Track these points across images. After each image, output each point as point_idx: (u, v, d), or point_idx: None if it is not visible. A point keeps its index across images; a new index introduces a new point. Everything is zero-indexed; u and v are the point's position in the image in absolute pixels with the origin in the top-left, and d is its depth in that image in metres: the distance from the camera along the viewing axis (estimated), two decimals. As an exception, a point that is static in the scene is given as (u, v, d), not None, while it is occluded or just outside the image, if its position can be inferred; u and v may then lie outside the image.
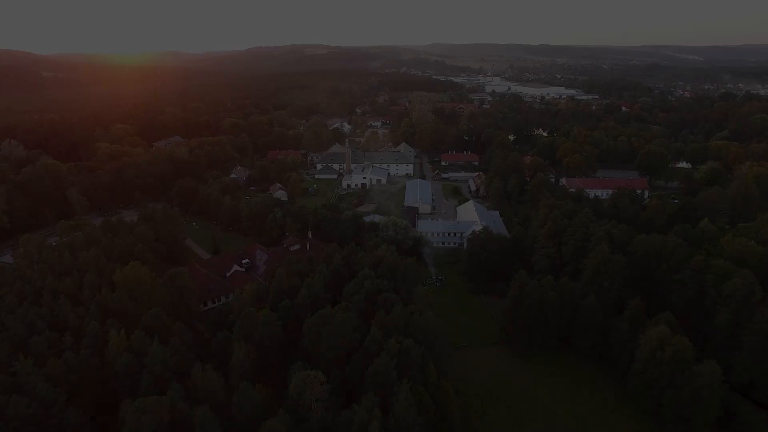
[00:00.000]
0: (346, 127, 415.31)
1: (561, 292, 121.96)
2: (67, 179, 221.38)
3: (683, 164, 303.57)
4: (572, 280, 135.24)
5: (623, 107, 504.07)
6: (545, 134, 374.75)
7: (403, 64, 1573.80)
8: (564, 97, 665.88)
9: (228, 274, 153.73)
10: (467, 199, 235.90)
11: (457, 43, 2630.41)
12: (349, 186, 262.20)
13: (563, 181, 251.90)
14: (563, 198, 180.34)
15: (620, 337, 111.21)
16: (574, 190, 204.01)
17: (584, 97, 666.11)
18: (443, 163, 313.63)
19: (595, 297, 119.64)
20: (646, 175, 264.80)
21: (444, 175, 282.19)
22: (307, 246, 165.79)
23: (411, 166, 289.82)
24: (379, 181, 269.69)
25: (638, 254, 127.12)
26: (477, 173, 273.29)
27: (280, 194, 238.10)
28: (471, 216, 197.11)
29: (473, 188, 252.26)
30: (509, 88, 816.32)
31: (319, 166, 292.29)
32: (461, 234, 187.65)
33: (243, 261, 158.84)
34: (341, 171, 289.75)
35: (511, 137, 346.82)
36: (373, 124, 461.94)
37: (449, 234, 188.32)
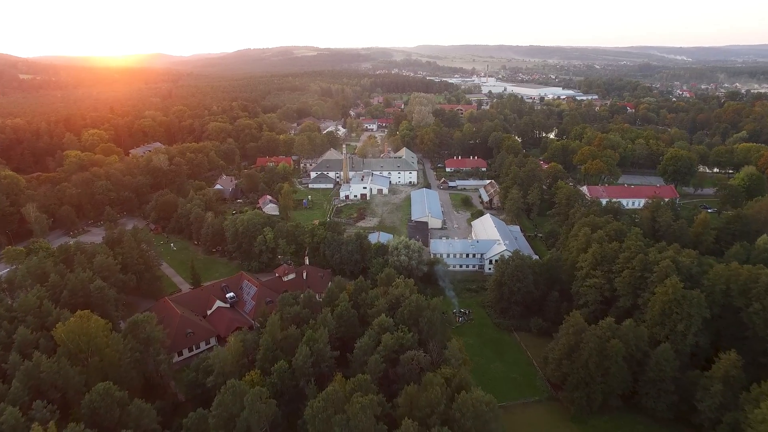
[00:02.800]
0: (341, 131, 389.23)
1: (625, 339, 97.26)
2: (26, 193, 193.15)
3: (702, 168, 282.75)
4: (626, 318, 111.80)
5: (628, 108, 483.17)
6: (553, 137, 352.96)
7: (394, 65, 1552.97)
8: (563, 97, 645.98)
9: (209, 312, 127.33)
10: (480, 211, 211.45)
11: (446, 44, 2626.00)
12: (347, 197, 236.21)
13: (585, 189, 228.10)
14: (603, 213, 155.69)
15: (711, 401, 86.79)
16: (605, 202, 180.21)
17: (584, 98, 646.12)
18: (448, 169, 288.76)
19: (669, 345, 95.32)
20: (672, 182, 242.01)
21: (451, 183, 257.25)
22: (304, 274, 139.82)
23: (414, 173, 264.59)
24: (380, 190, 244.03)
25: (717, 289, 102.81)
26: (489, 181, 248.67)
27: (271, 208, 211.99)
28: (490, 233, 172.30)
29: (485, 198, 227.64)
30: (505, 89, 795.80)
31: (313, 174, 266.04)
32: (481, 255, 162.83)
33: (227, 295, 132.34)
34: (338, 180, 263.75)
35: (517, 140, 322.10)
36: (369, 127, 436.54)
37: (468, 255, 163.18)
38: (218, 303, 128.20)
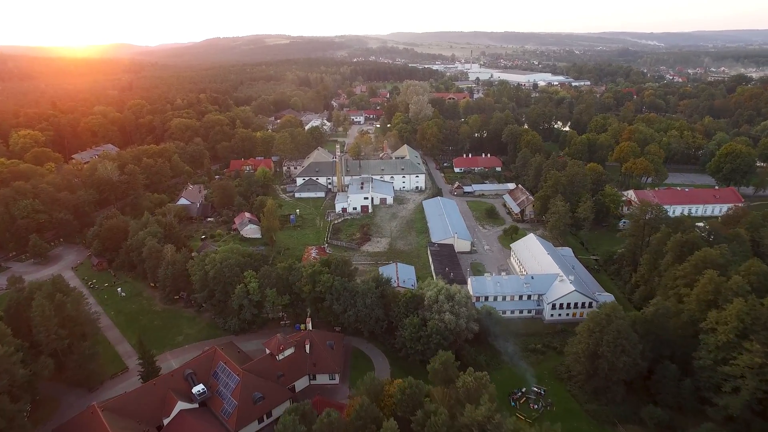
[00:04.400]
0: (327, 125, 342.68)
1: None
2: None
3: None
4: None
5: (633, 95, 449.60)
6: (567, 129, 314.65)
7: (370, 52, 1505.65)
8: (556, 84, 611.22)
9: (167, 421, 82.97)
10: (513, 227, 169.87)
11: (420, 31, 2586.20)
12: (345, 210, 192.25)
13: (630, 194, 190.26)
14: (707, 238, 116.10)
15: None
16: (671, 213, 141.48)
17: (578, 84, 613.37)
18: (457, 169, 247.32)
19: None
20: (726, 182, 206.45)
21: (466, 189, 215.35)
22: (306, 347, 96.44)
23: (422, 177, 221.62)
24: (383, 200, 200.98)
25: None
26: (513, 186, 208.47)
27: (250, 230, 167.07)
28: (544, 263, 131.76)
29: (515, 209, 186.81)
30: (492, 75, 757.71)
31: (299, 181, 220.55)
32: (539, 297, 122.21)
33: (194, 390, 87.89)
34: (330, 186, 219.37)
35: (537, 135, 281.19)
36: (356, 120, 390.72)
37: (522, 297, 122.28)
38: (180, 405, 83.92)
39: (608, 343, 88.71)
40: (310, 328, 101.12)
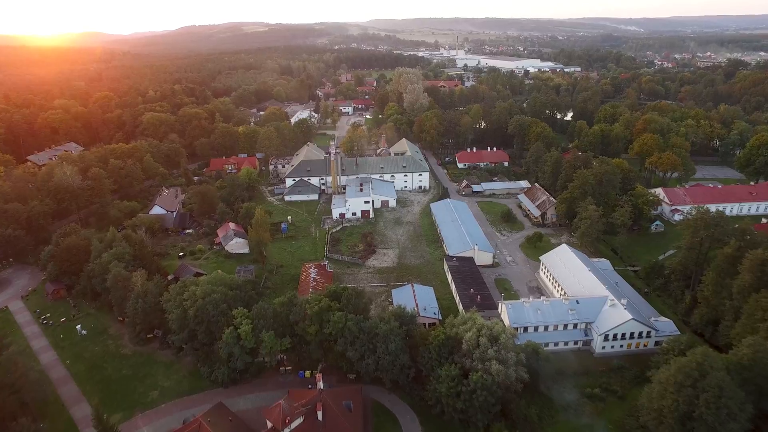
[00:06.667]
0: (315, 117, 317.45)
1: None
2: None
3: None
4: None
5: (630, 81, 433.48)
6: (569, 119, 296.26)
7: (352, 39, 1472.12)
8: (547, 70, 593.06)
9: None
10: (538, 234, 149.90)
11: (400, 18, 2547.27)
12: (343, 216, 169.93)
13: (660, 192, 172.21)
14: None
15: None
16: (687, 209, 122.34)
17: (570, 70, 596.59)
18: (460, 165, 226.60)
19: None
20: (756, 176, 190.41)
21: (475, 188, 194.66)
22: (318, 413, 74.98)
23: (426, 175, 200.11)
24: (386, 203, 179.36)
25: None
26: (527, 185, 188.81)
27: (237, 244, 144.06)
28: (585, 280, 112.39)
29: (534, 212, 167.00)
30: (479, 62, 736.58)
31: (289, 182, 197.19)
32: (586, 325, 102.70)
33: (171, 486, 65.94)
34: (324, 188, 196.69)
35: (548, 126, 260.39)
36: (344, 110, 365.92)
37: (567, 326, 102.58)
38: None
39: (708, 404, 69.34)
40: (321, 387, 79.43)
